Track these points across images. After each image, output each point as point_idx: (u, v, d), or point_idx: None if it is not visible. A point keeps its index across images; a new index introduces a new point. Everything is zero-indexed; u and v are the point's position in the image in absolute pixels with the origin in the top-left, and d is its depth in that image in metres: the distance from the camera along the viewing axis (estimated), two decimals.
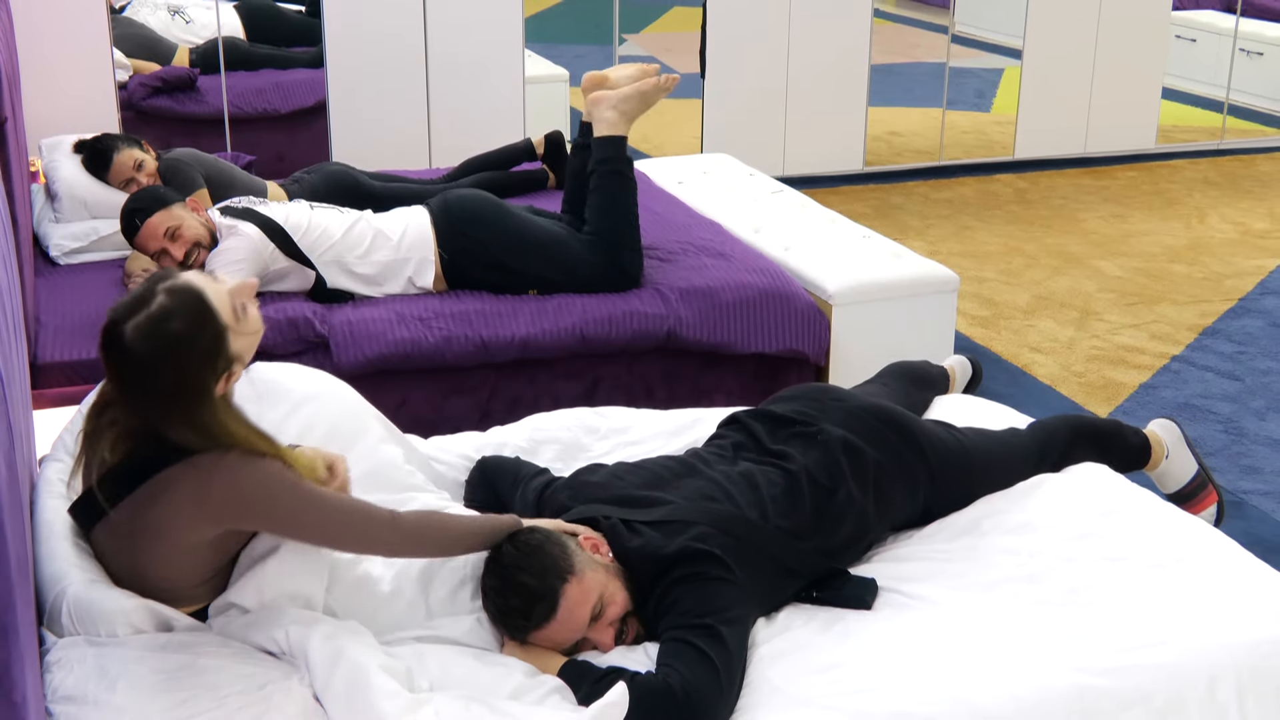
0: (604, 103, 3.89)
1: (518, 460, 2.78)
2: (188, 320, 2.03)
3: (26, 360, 2.73)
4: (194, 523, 2.05)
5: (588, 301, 3.83)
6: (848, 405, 2.73)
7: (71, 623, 2.07)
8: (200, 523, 2.05)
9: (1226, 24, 8.05)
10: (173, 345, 2.02)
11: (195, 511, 2.04)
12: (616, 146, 3.89)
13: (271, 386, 2.71)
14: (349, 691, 1.99)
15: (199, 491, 2.03)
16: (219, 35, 5.73)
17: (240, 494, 2.05)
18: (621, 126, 3.89)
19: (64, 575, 2.10)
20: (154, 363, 2.02)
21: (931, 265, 4.27)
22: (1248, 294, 5.50)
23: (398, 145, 5.98)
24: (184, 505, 2.03)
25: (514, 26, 6.07)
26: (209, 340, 2.05)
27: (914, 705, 2.12)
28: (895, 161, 7.17)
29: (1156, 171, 7.32)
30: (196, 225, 3.69)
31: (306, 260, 3.74)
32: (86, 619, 2.06)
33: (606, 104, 3.89)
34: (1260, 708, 2.24)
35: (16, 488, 1.77)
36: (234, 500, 2.05)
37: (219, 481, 2.03)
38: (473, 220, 3.88)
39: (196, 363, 2.04)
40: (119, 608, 2.06)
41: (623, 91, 3.89)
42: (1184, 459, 3.13)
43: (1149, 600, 2.37)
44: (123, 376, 2.04)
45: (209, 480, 2.03)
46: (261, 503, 2.06)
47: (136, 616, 2.07)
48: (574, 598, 2.23)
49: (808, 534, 2.48)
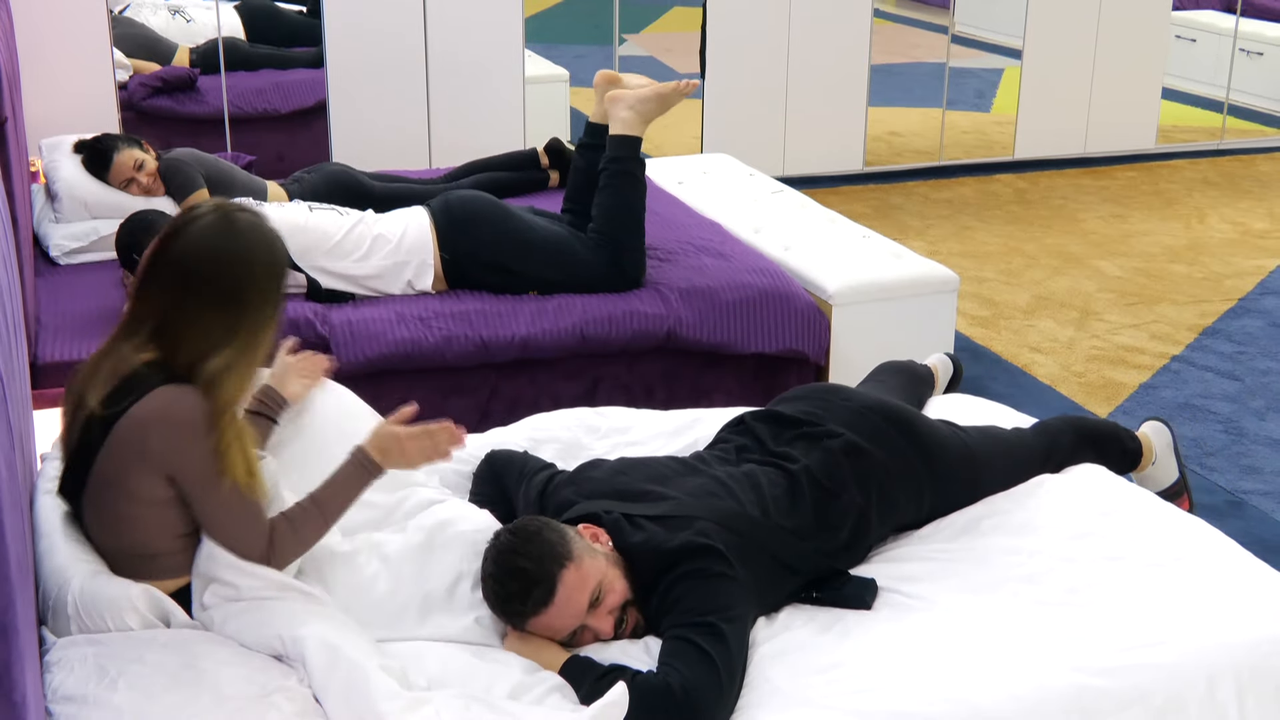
0: (621, 102, 3.88)
1: (525, 454, 2.78)
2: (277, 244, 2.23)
3: (26, 360, 2.73)
4: (139, 472, 2.10)
5: (588, 301, 3.83)
6: (854, 405, 2.73)
7: (78, 614, 2.09)
8: (144, 471, 2.10)
9: (1226, 24, 8.05)
10: (272, 243, 2.21)
11: (139, 459, 2.09)
12: (631, 146, 3.88)
13: None
14: (348, 691, 1.99)
15: (141, 434, 2.08)
16: (219, 35, 5.73)
17: (168, 434, 2.09)
18: (637, 127, 3.88)
19: (67, 568, 2.13)
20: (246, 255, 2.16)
21: (931, 265, 4.27)
22: (1247, 294, 5.50)
23: (398, 145, 5.98)
24: (129, 453, 2.09)
25: (514, 26, 6.07)
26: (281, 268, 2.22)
27: (914, 705, 2.12)
28: (895, 161, 7.17)
29: (1156, 171, 7.32)
30: None
31: (296, 266, 3.74)
32: (92, 609, 2.09)
33: (624, 103, 3.88)
34: (1260, 708, 2.24)
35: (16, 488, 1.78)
36: (163, 441, 2.09)
37: (155, 423, 2.09)
38: (473, 221, 3.88)
39: (277, 279, 2.20)
40: (123, 594, 2.10)
41: (641, 93, 3.88)
42: (1169, 465, 3.16)
43: (1148, 600, 2.37)
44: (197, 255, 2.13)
45: (147, 421, 2.08)
46: (182, 447, 2.09)
47: (140, 602, 2.10)
48: (571, 583, 2.24)
49: (809, 534, 2.48)
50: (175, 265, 2.15)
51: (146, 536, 2.16)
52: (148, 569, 2.17)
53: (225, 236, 2.16)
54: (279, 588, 2.17)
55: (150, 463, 2.10)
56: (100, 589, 2.10)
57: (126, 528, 2.16)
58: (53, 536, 2.21)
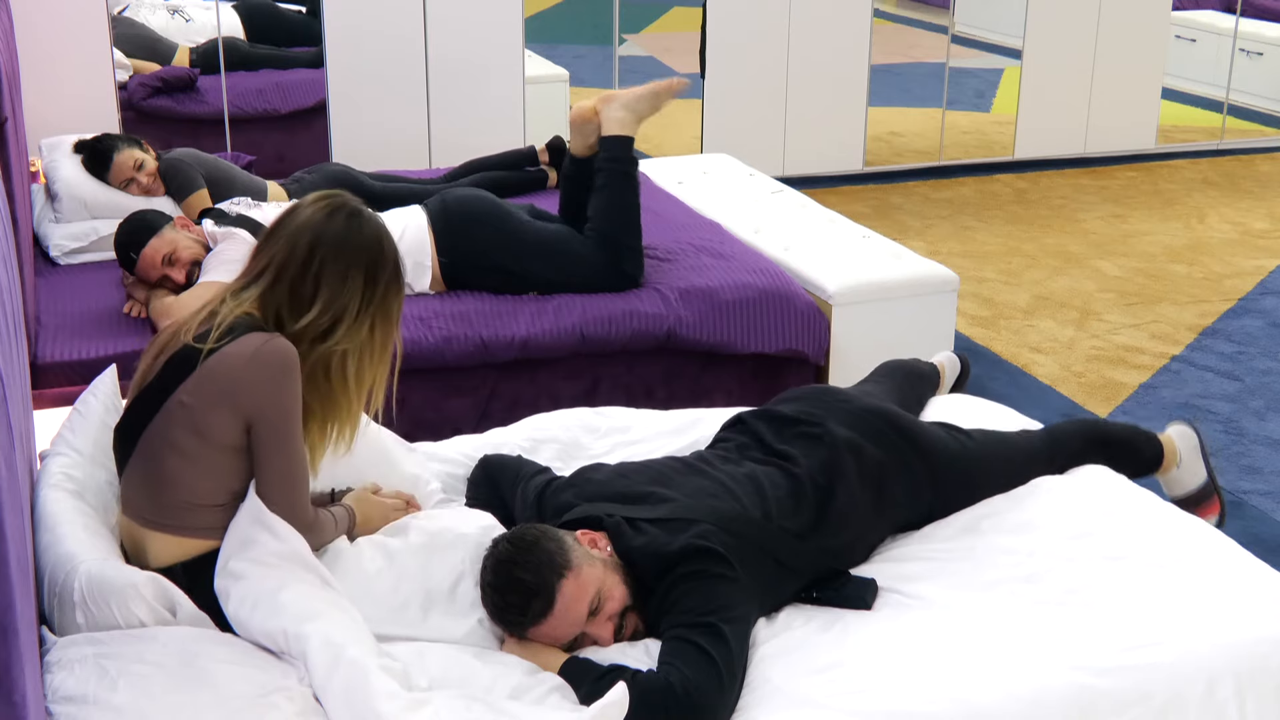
0: (615, 102, 3.89)
1: (519, 459, 2.78)
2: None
3: (26, 360, 2.74)
4: (219, 411, 2.16)
5: (588, 301, 3.82)
6: (852, 407, 2.73)
7: (84, 601, 2.10)
8: (225, 412, 2.16)
9: (1226, 24, 8.05)
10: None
11: (224, 397, 2.15)
12: (624, 147, 3.89)
13: None
14: (348, 692, 1.99)
15: (232, 372, 2.16)
16: (219, 35, 5.73)
17: (260, 374, 2.16)
18: (630, 127, 3.89)
19: (75, 555, 2.15)
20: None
21: (931, 265, 4.27)
22: (1247, 294, 5.50)
23: (398, 145, 5.98)
24: (215, 390, 2.15)
25: (514, 27, 6.07)
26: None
27: (913, 705, 2.12)
28: (895, 161, 7.17)
29: (1156, 171, 7.32)
30: (191, 244, 3.68)
31: None
32: (99, 596, 2.10)
33: (618, 103, 3.88)
34: (1260, 707, 2.24)
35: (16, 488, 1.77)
36: (254, 381, 2.16)
37: (249, 362, 2.16)
38: (472, 221, 3.88)
39: (401, 280, 2.32)
40: (130, 581, 2.11)
41: (635, 91, 3.89)
42: (1195, 468, 3.11)
43: (1148, 600, 2.37)
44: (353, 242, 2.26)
45: (241, 360, 2.16)
46: (270, 390, 2.16)
47: (147, 590, 2.11)
48: (570, 593, 2.24)
49: (810, 535, 2.48)
50: (312, 231, 2.24)
51: (198, 485, 2.20)
52: (186, 521, 2.21)
53: (359, 219, 2.28)
54: (304, 567, 2.19)
55: (234, 402, 2.16)
56: (108, 577, 2.11)
57: (181, 473, 2.19)
58: (58, 529, 2.22)
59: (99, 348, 3.49)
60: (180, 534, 2.23)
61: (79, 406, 2.58)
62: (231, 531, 2.22)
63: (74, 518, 2.26)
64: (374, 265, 2.27)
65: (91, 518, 2.30)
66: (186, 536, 2.23)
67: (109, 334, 3.58)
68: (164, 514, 2.23)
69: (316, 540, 2.30)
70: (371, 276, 2.26)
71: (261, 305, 2.24)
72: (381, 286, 2.28)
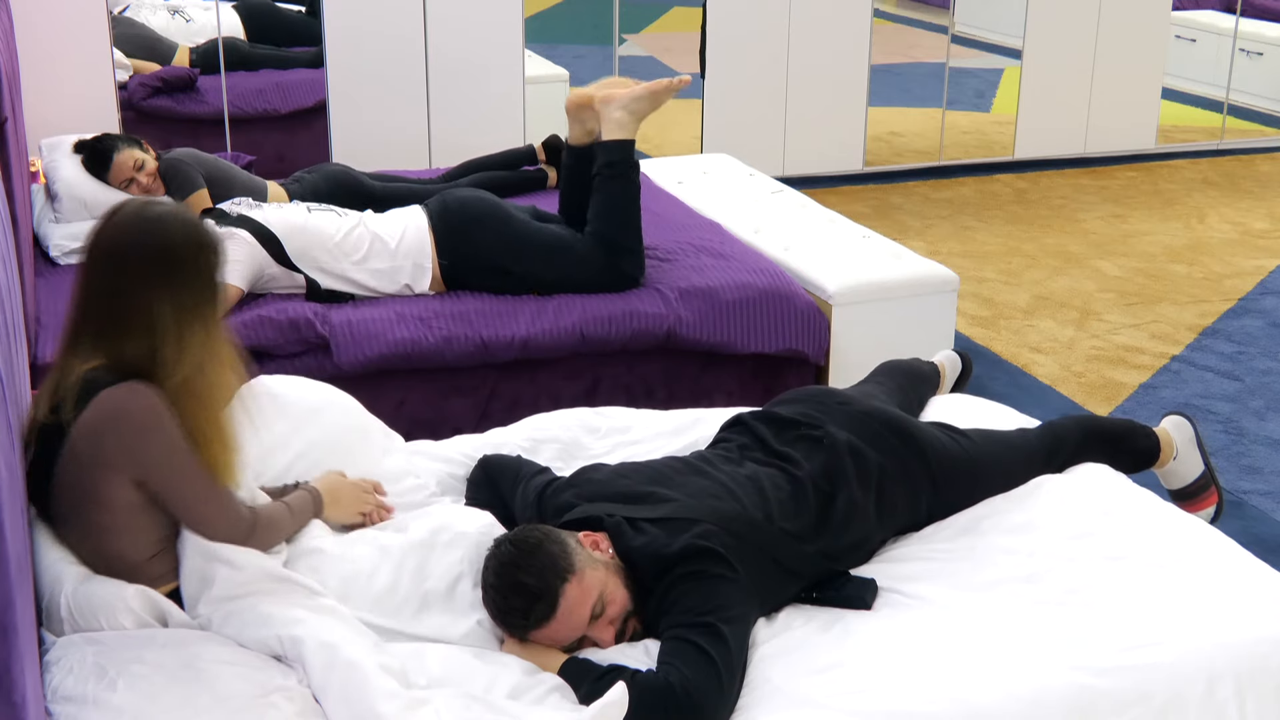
0: (614, 103, 3.85)
1: (519, 459, 2.78)
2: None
3: (26, 360, 2.73)
4: (104, 478, 2.08)
5: (588, 301, 3.82)
6: (851, 409, 2.73)
7: (71, 616, 2.09)
8: (109, 477, 2.08)
9: (1226, 24, 8.05)
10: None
11: (101, 465, 2.07)
12: (624, 150, 3.86)
13: (274, 400, 2.70)
14: (347, 691, 1.99)
15: (97, 439, 2.06)
16: (219, 35, 5.73)
17: (124, 433, 2.06)
18: (630, 128, 3.85)
19: (61, 573, 2.13)
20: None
21: (931, 265, 4.27)
22: (1247, 294, 5.50)
23: (398, 145, 5.98)
24: (90, 461, 2.07)
25: (514, 27, 6.07)
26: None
27: (913, 705, 2.12)
28: (895, 161, 7.17)
29: (1156, 171, 7.32)
30: None
31: (295, 267, 3.74)
32: (86, 610, 2.08)
33: (617, 104, 3.85)
34: (1260, 707, 2.24)
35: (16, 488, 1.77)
36: (120, 441, 2.07)
37: (109, 425, 2.06)
38: (472, 222, 3.87)
39: (209, 254, 2.16)
40: (117, 594, 2.09)
41: (634, 91, 3.84)
42: (1192, 459, 3.13)
43: (1148, 600, 2.37)
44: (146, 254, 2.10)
45: (100, 425, 2.06)
46: (141, 444, 2.07)
47: (135, 602, 2.09)
48: (574, 597, 2.23)
49: (810, 537, 2.48)
50: (103, 258, 2.12)
51: (123, 546, 2.14)
52: (136, 575, 2.15)
53: (144, 220, 2.13)
54: (275, 580, 2.17)
55: (113, 467, 2.08)
56: (93, 590, 2.10)
57: (103, 539, 2.13)
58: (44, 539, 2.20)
59: None
60: (136, 583, 2.16)
61: None
62: (186, 575, 2.17)
63: None
64: (171, 264, 2.10)
65: None
66: (143, 585, 2.16)
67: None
68: (112, 569, 2.16)
69: (270, 538, 2.25)
70: (172, 276, 2.09)
71: (101, 354, 2.10)
72: (189, 279, 2.11)
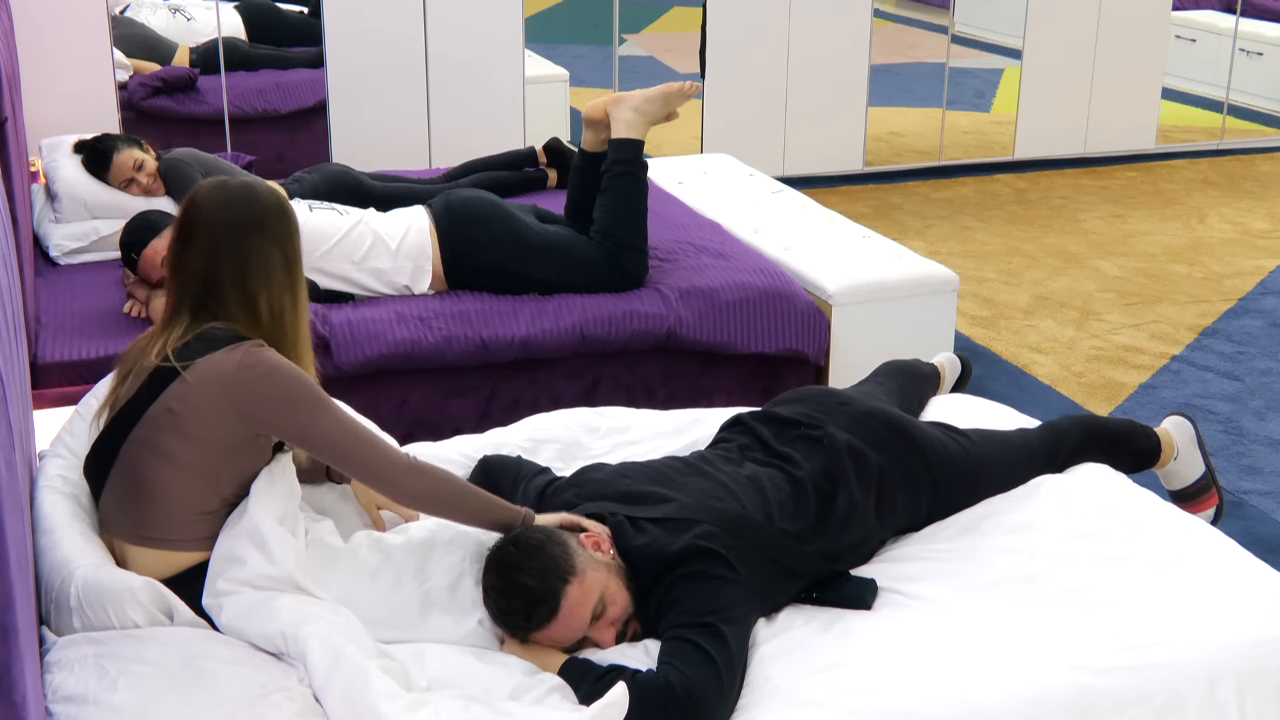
0: (625, 103, 3.88)
1: (519, 459, 2.78)
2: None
3: (26, 360, 2.73)
4: (218, 419, 2.13)
5: (588, 301, 3.82)
6: (852, 409, 2.73)
7: (80, 607, 2.10)
8: (228, 420, 2.14)
9: (1226, 24, 8.05)
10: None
11: (225, 410, 2.13)
12: (633, 149, 3.88)
13: None
14: (348, 692, 1.99)
15: (228, 387, 2.13)
16: (219, 35, 5.73)
17: (265, 384, 2.14)
18: (640, 129, 3.88)
19: (71, 561, 2.14)
20: None
21: (931, 265, 4.27)
22: (1247, 294, 5.50)
23: (398, 145, 5.98)
24: (209, 402, 2.12)
25: (514, 27, 6.07)
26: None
27: (913, 705, 2.12)
28: (895, 161, 7.17)
29: (1156, 171, 7.32)
30: None
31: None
32: (95, 601, 2.09)
33: (628, 104, 3.88)
34: (1260, 708, 2.24)
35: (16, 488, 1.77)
36: (259, 390, 2.14)
37: (249, 370, 2.13)
38: (474, 223, 3.87)
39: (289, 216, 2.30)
40: (126, 586, 2.10)
41: (647, 93, 3.88)
42: (1193, 460, 3.13)
43: (1148, 600, 2.37)
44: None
45: (240, 366, 2.13)
46: (283, 396, 2.15)
47: (143, 595, 2.10)
48: (575, 599, 2.23)
49: (811, 538, 2.48)
50: (208, 228, 2.22)
51: (188, 492, 2.17)
52: (172, 534, 2.18)
53: (233, 191, 2.26)
54: (291, 585, 2.17)
55: (234, 407, 2.13)
56: (103, 581, 2.10)
57: (170, 481, 2.16)
58: (55, 533, 2.21)
59: (99, 348, 3.49)
60: (165, 548, 2.19)
61: (80, 409, 2.58)
62: (221, 543, 2.19)
63: (70, 521, 2.25)
64: (266, 223, 2.25)
65: (86, 521, 2.29)
66: (172, 550, 2.19)
67: (109, 334, 3.58)
68: (148, 528, 2.19)
69: (431, 486, 2.26)
70: (273, 236, 2.25)
71: (206, 318, 2.21)
72: (280, 234, 2.26)
